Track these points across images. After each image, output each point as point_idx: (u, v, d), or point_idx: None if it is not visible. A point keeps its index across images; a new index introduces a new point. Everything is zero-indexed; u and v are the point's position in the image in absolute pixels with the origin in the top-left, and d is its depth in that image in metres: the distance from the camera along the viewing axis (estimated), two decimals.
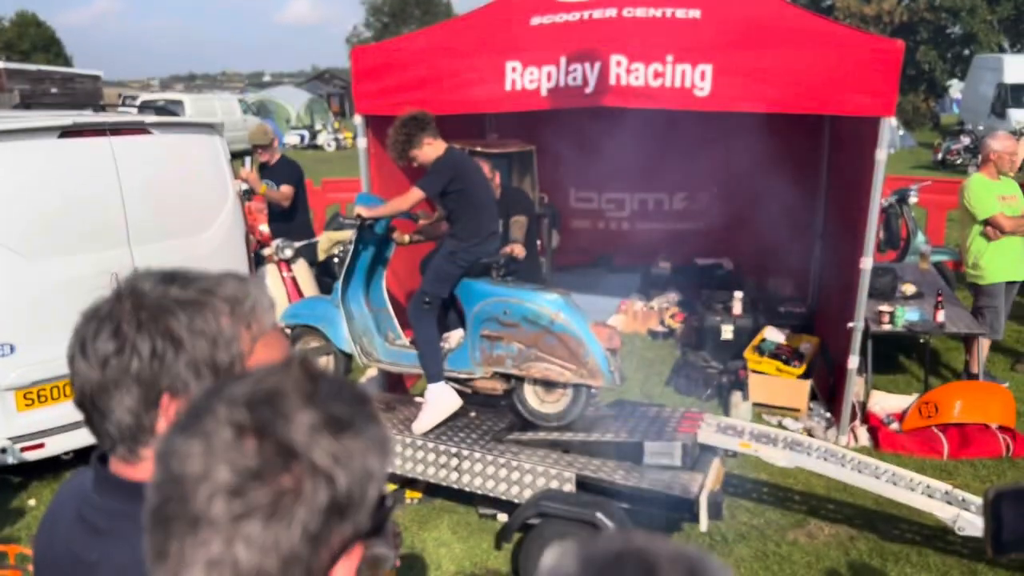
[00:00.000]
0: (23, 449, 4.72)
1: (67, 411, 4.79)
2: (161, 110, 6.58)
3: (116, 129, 5.16)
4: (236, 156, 6.49)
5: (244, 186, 6.70)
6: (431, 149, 4.52)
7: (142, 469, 1.08)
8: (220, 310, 1.08)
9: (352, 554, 0.78)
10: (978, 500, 4.09)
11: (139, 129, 5.33)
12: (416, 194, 4.53)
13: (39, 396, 4.77)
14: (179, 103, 23.98)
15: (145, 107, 7.92)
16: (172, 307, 1.06)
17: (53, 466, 5.07)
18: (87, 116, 5.43)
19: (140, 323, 1.05)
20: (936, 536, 4.44)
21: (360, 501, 0.77)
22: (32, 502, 4.96)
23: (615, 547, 0.72)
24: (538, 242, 6.53)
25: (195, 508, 0.73)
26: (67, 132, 4.90)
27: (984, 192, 6.17)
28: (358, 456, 0.77)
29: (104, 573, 1.08)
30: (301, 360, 0.82)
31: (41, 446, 4.78)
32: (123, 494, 1.08)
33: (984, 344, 6.12)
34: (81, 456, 4.91)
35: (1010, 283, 6.34)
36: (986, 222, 6.14)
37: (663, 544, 0.73)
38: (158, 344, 1.05)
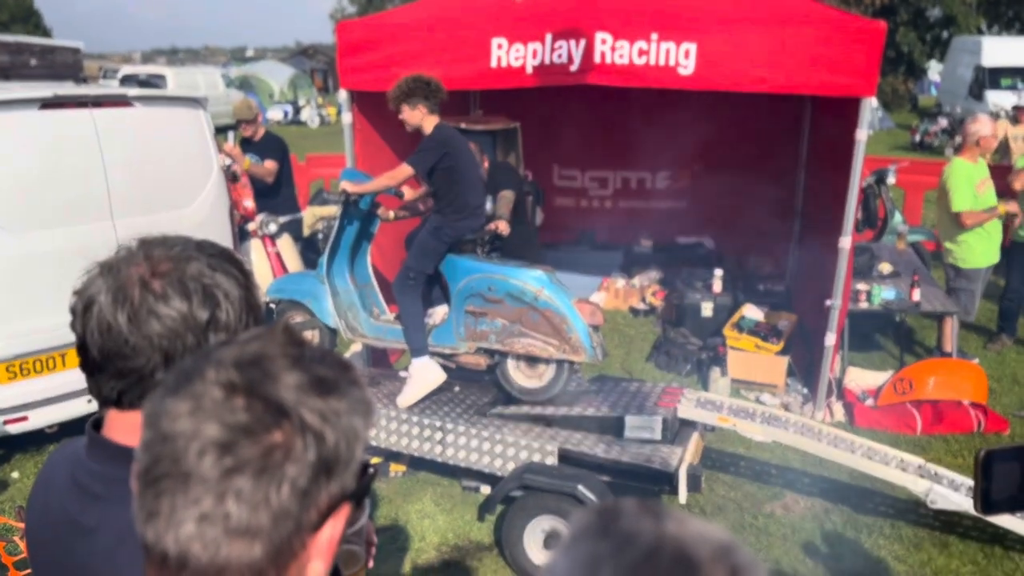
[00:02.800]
0: (6, 422, 4.72)
1: (51, 384, 4.80)
2: (143, 83, 6.56)
3: (98, 101, 5.11)
4: (219, 131, 6.45)
5: (229, 161, 6.68)
6: (419, 117, 4.50)
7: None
8: None
9: (339, 514, 0.81)
10: (951, 474, 4.19)
11: (122, 102, 5.28)
12: (405, 171, 4.53)
13: (22, 369, 4.75)
14: (161, 77, 23.61)
15: (127, 80, 7.85)
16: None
17: (36, 439, 5.07)
18: (68, 88, 5.37)
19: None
20: (909, 509, 4.56)
21: (347, 460, 0.80)
22: (15, 475, 4.97)
23: (646, 540, 0.64)
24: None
25: (186, 465, 0.74)
26: (48, 104, 4.85)
27: (964, 183, 6.17)
28: (344, 416, 0.79)
29: (102, 538, 1.10)
30: (284, 327, 0.84)
31: (24, 419, 4.77)
32: (118, 459, 1.09)
33: (955, 323, 6.22)
34: (66, 429, 4.92)
35: (988, 267, 6.44)
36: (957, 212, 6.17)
37: (699, 533, 0.66)
38: None
